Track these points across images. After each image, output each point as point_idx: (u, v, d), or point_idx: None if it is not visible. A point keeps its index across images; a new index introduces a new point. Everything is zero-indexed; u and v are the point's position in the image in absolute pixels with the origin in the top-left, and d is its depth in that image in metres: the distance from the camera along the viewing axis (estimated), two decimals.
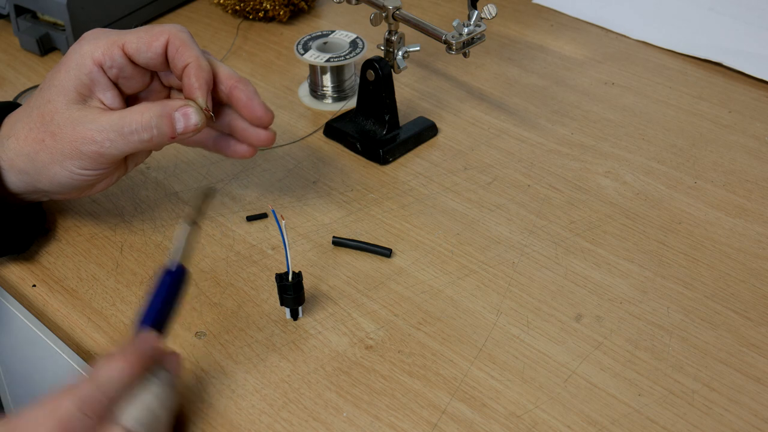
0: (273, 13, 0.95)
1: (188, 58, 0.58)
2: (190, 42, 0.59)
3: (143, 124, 0.57)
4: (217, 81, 0.60)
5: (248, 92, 0.60)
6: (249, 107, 0.60)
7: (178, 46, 0.58)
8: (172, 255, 0.50)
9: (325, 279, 0.62)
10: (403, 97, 0.82)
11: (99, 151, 0.57)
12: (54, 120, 0.57)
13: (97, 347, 0.58)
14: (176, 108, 0.58)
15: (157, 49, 0.58)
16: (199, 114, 0.58)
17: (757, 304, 0.60)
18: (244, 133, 0.62)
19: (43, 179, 0.59)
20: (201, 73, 0.58)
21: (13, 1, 0.90)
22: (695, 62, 0.89)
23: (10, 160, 0.59)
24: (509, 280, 0.62)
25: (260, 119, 0.61)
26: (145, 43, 0.58)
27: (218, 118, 0.62)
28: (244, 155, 0.63)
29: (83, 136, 0.57)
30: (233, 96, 0.60)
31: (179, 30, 0.59)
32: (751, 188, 0.71)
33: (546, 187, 0.71)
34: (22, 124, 0.59)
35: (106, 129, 0.57)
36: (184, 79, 0.59)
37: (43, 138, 0.58)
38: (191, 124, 0.58)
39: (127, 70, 0.59)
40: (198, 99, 0.58)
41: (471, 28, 0.70)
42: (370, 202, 0.70)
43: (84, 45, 0.58)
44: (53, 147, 0.57)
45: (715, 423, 0.52)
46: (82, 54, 0.58)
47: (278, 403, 0.54)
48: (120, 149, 0.57)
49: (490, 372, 0.55)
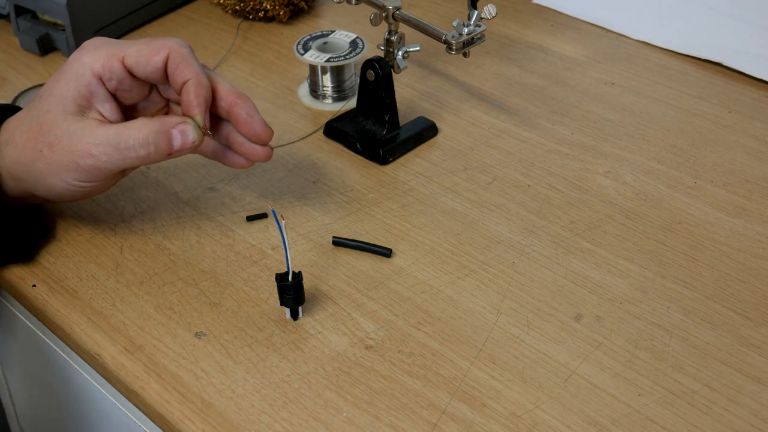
0: (273, 13, 0.95)
1: (188, 75, 0.58)
2: (191, 58, 0.59)
3: (140, 140, 0.57)
4: (217, 97, 0.60)
5: (248, 109, 0.60)
6: (248, 124, 0.60)
7: (178, 62, 0.58)
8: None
9: (325, 279, 0.62)
10: (403, 97, 0.82)
11: (95, 164, 0.57)
12: (52, 131, 0.57)
13: (97, 347, 0.58)
14: (174, 125, 0.58)
15: (157, 64, 0.58)
16: (197, 131, 0.59)
17: (757, 304, 0.60)
18: (242, 147, 0.62)
19: (40, 188, 0.59)
20: (200, 90, 0.58)
21: (13, 1, 0.90)
22: (695, 62, 0.89)
23: (8, 167, 0.59)
24: (509, 280, 0.62)
25: (259, 136, 0.61)
26: (145, 57, 0.58)
27: (217, 131, 0.62)
28: (243, 166, 0.63)
29: (80, 149, 0.57)
30: (233, 113, 0.60)
31: (180, 45, 0.59)
32: (751, 188, 0.71)
33: (546, 187, 0.71)
34: (21, 131, 0.59)
35: (103, 143, 0.57)
36: (183, 96, 0.59)
37: (40, 148, 0.57)
38: (188, 141, 0.58)
39: (126, 83, 0.59)
40: (196, 116, 0.58)
41: (471, 28, 0.70)
42: (370, 202, 0.70)
43: (84, 55, 0.58)
44: (50, 158, 0.57)
45: (715, 423, 0.52)
46: (82, 64, 0.58)
47: (278, 403, 0.54)
48: (116, 164, 0.57)
49: (490, 372, 0.55)
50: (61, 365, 0.69)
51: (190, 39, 0.92)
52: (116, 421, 0.65)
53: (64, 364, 0.68)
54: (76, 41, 0.88)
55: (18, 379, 0.82)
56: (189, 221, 0.68)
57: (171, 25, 0.97)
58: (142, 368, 0.56)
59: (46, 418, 0.81)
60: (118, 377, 0.56)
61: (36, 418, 0.84)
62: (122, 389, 0.57)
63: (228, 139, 0.62)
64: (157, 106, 0.63)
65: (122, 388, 0.57)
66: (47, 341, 0.69)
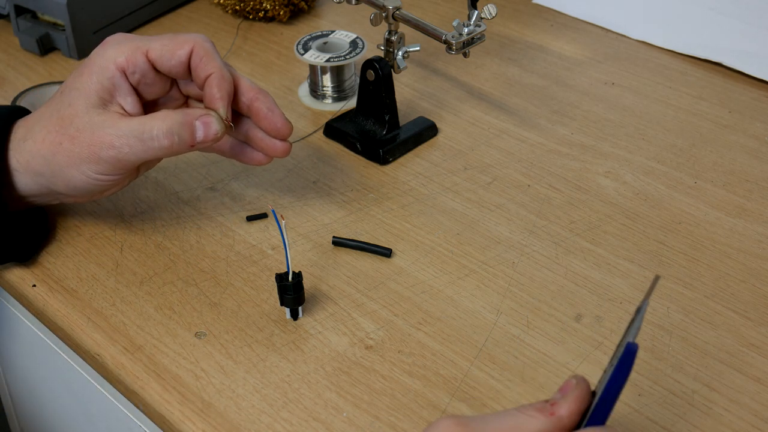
0: (273, 13, 0.95)
1: (211, 69, 0.59)
2: (214, 53, 0.60)
3: (165, 130, 0.57)
4: (238, 92, 0.61)
5: (269, 104, 0.61)
6: (269, 119, 0.61)
7: (201, 56, 0.59)
8: (632, 335, 0.46)
9: (325, 279, 0.62)
10: (403, 97, 0.82)
11: (117, 156, 0.57)
12: (73, 123, 0.58)
13: (97, 347, 0.58)
14: (197, 116, 0.59)
15: (181, 58, 0.59)
16: (220, 123, 0.59)
17: (757, 304, 0.60)
18: (261, 143, 0.63)
19: (59, 182, 0.59)
20: (223, 83, 0.59)
21: (13, 1, 0.90)
22: (695, 62, 0.89)
23: (26, 162, 0.59)
24: (509, 280, 0.62)
25: (279, 130, 0.62)
26: (169, 51, 0.59)
27: (236, 127, 0.63)
28: (261, 162, 0.64)
29: (102, 141, 0.57)
30: (254, 107, 0.61)
31: (204, 40, 0.60)
32: (751, 188, 0.71)
33: (546, 187, 0.71)
34: (41, 126, 0.59)
35: (126, 134, 0.57)
36: (206, 89, 0.59)
37: (61, 141, 0.58)
38: (211, 133, 0.59)
39: (149, 77, 0.59)
40: (219, 109, 0.59)
41: (471, 28, 0.70)
42: (370, 202, 0.70)
43: (108, 49, 0.59)
44: (71, 150, 0.57)
45: (715, 423, 0.52)
46: (105, 58, 0.58)
47: (278, 403, 0.54)
48: (138, 155, 0.58)
49: (490, 372, 0.55)
50: (61, 365, 0.69)
51: None
52: (116, 421, 0.65)
53: (64, 364, 0.68)
54: (76, 41, 0.88)
55: (18, 379, 0.82)
56: (189, 221, 0.68)
57: (171, 25, 0.97)
58: (142, 368, 0.56)
59: (46, 418, 0.81)
60: (118, 377, 0.56)
61: (36, 418, 0.84)
62: (122, 389, 0.57)
63: (247, 135, 0.63)
64: (177, 102, 0.63)
65: (122, 388, 0.57)
66: (47, 341, 0.69)
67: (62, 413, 0.76)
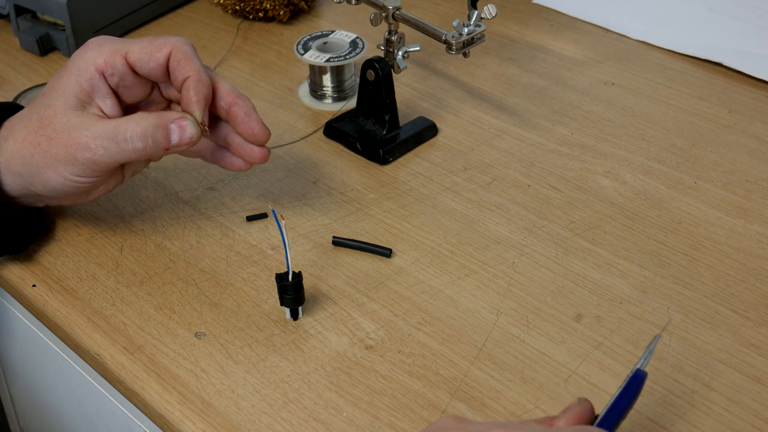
0: (273, 13, 0.95)
1: (188, 72, 0.58)
2: (193, 56, 0.59)
3: (138, 133, 0.57)
4: (216, 96, 0.61)
5: (247, 109, 0.61)
6: (246, 124, 0.60)
7: (179, 59, 0.58)
8: (642, 362, 0.46)
9: (325, 279, 0.62)
10: (403, 97, 0.82)
11: (92, 158, 0.57)
12: (51, 124, 0.57)
13: (97, 347, 0.58)
14: (172, 119, 0.58)
15: (159, 60, 0.58)
16: (195, 127, 0.59)
17: (757, 304, 0.60)
18: (239, 148, 0.62)
19: (37, 183, 0.59)
20: (200, 87, 0.59)
21: (13, 1, 0.90)
22: (695, 62, 0.89)
23: (7, 161, 0.59)
24: (509, 280, 0.62)
25: (256, 136, 0.61)
26: (147, 54, 0.58)
27: (215, 131, 0.62)
28: (240, 168, 0.64)
29: (78, 142, 0.57)
30: (232, 112, 0.61)
31: (183, 43, 0.59)
32: (751, 188, 0.71)
33: (546, 187, 0.71)
34: (21, 126, 0.59)
35: (101, 136, 0.57)
36: (183, 92, 0.59)
37: (39, 141, 0.58)
38: (186, 136, 0.58)
39: (128, 79, 0.59)
40: (195, 112, 0.59)
41: (471, 28, 0.70)
42: (370, 202, 0.70)
43: (87, 51, 0.59)
44: (48, 151, 0.57)
45: (715, 423, 0.52)
46: (84, 60, 0.58)
47: (278, 403, 0.54)
48: (113, 157, 0.57)
49: (490, 372, 0.55)
50: (61, 365, 0.69)
51: (190, 39, 0.92)
52: (116, 421, 0.65)
53: (64, 364, 0.68)
54: (76, 41, 0.88)
55: (18, 379, 0.82)
56: (189, 221, 0.68)
57: (171, 25, 0.97)
58: (142, 368, 0.56)
59: (46, 418, 0.81)
60: (118, 377, 0.56)
61: (36, 418, 0.84)
62: (122, 389, 0.57)
63: (226, 140, 0.63)
64: (159, 105, 0.63)
65: (122, 388, 0.57)
66: (47, 341, 0.69)
67: (62, 413, 0.76)
